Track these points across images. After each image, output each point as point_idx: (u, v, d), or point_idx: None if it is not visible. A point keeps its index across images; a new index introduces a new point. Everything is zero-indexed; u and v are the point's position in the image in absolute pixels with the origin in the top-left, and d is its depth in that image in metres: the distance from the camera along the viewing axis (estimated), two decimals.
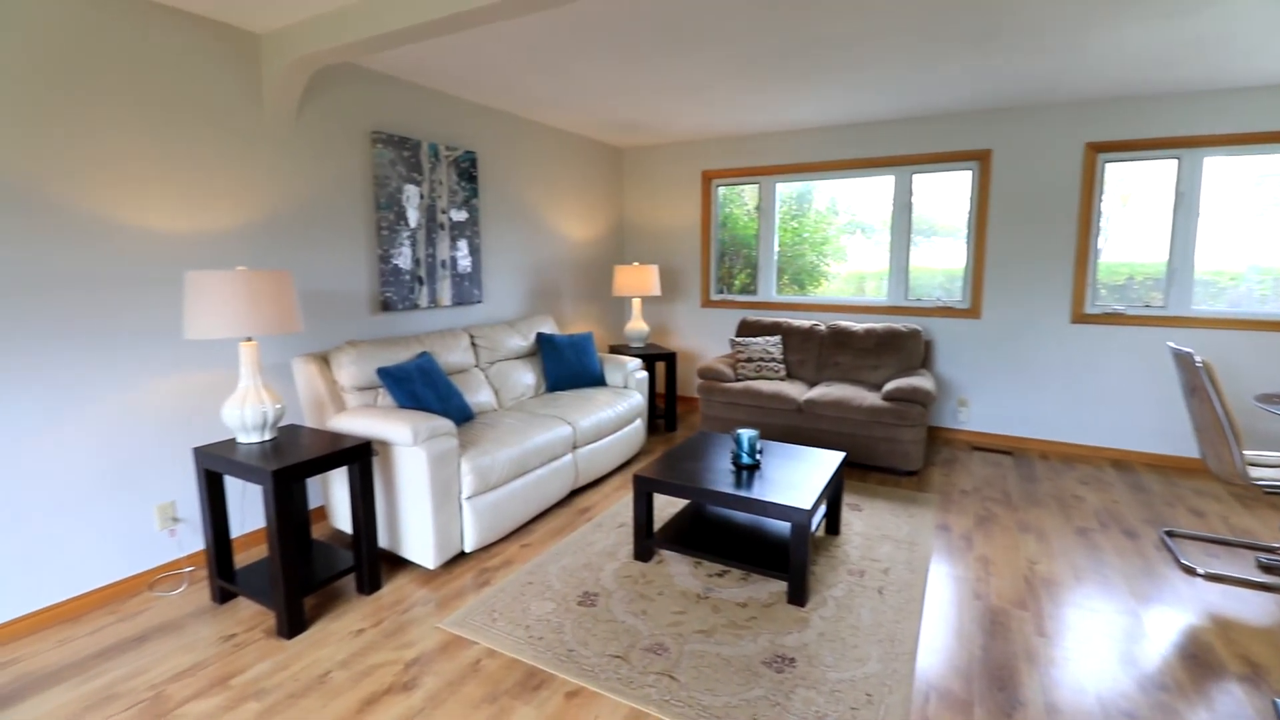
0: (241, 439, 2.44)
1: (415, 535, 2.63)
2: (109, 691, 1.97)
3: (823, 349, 4.55)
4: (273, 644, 2.20)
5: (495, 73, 3.49)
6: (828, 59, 3.22)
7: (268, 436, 2.47)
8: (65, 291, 2.34)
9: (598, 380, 4.11)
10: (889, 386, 3.84)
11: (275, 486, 2.15)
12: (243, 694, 1.95)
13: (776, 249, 5.28)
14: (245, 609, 2.42)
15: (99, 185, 2.41)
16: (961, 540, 3.00)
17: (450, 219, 3.95)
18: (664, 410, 4.86)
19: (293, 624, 2.22)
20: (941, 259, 4.71)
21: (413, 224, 3.70)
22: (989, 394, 4.54)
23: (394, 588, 2.56)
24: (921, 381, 3.84)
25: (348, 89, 3.31)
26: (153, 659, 2.12)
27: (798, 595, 2.40)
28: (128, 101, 2.47)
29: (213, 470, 2.39)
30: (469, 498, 2.72)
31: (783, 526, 2.84)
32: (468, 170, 4.05)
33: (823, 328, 4.62)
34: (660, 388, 5.82)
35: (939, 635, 2.25)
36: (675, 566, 2.70)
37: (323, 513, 3.27)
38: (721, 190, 5.49)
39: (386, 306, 3.55)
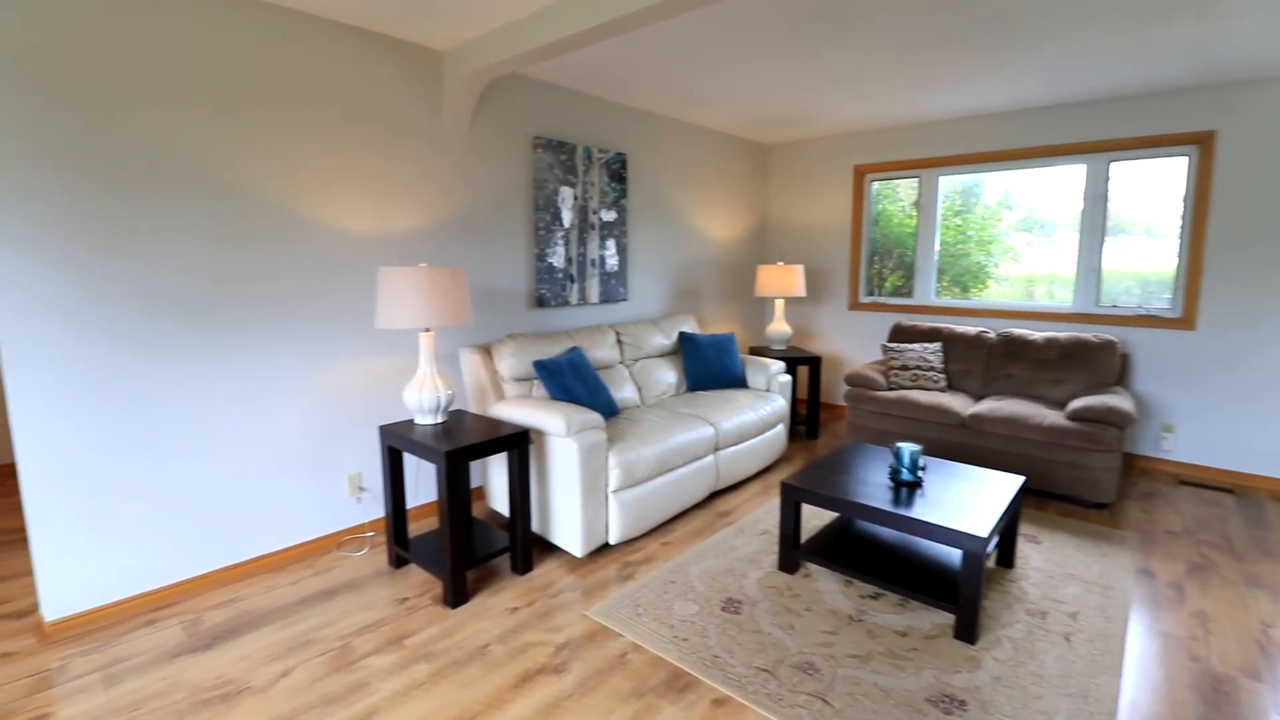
0: (418, 420, 2.67)
1: (564, 523, 2.73)
2: (306, 637, 2.23)
3: (992, 359, 4.12)
4: (439, 611, 2.38)
5: (650, 75, 3.53)
6: (1017, 30, 2.89)
7: (440, 419, 2.68)
8: (279, 283, 2.69)
9: (739, 382, 4.03)
10: (1076, 405, 3.38)
11: (448, 466, 2.32)
12: (414, 655, 2.12)
13: (938, 248, 4.86)
14: (416, 575, 2.65)
15: (305, 190, 2.75)
16: (1170, 590, 2.56)
17: (600, 219, 4.07)
18: (805, 416, 4.66)
19: (456, 595, 2.39)
20: (1135, 260, 4.07)
21: (566, 224, 3.85)
22: (1203, 419, 3.85)
23: (544, 571, 2.67)
24: (1117, 401, 3.34)
25: (513, 99, 3.51)
26: (340, 612, 2.38)
27: (967, 631, 2.18)
28: (333, 115, 2.80)
29: (394, 447, 2.64)
30: (615, 491, 2.78)
31: (947, 552, 2.60)
32: (618, 172, 4.15)
33: (992, 335, 4.19)
34: (801, 393, 5.61)
35: (1145, 698, 1.93)
36: (823, 582, 2.57)
37: (481, 493, 3.51)
38: (875, 185, 5.16)
39: (540, 303, 3.73)
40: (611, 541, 2.80)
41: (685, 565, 2.71)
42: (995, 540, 2.52)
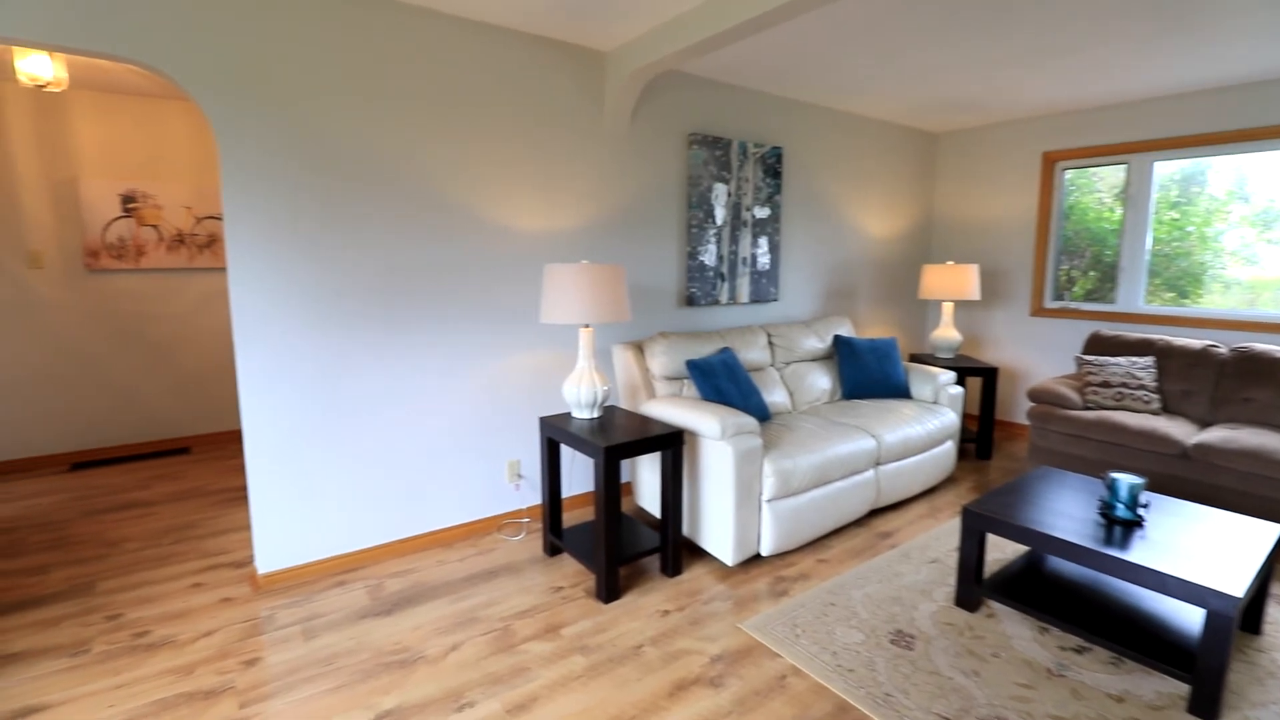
0: (575, 414, 2.71)
1: (715, 529, 2.65)
2: (472, 615, 2.34)
3: (1223, 378, 3.44)
4: (592, 604, 2.40)
5: (809, 63, 3.34)
6: None
7: (595, 414, 2.71)
8: (456, 277, 2.86)
9: (901, 392, 3.71)
10: None
11: (606, 462, 2.33)
12: (570, 646, 2.15)
13: (1149, 246, 4.17)
14: (569, 565, 2.70)
15: (479, 189, 2.90)
16: None
17: (753, 216, 3.93)
18: (976, 434, 4.20)
19: (609, 590, 2.40)
20: None
21: (719, 221, 3.76)
22: None
23: (693, 576, 2.61)
24: None
25: (669, 96, 3.48)
26: (501, 594, 2.48)
27: (1207, 706, 1.80)
28: (504, 118, 2.92)
29: (553, 439, 2.71)
30: (769, 500, 2.65)
31: (1175, 608, 2.18)
32: (773, 166, 3.99)
33: (1223, 350, 3.50)
34: (970, 407, 5.09)
35: None
36: (1011, 625, 2.26)
37: (628, 488, 3.54)
38: (1068, 174, 4.53)
39: (690, 301, 3.68)
40: (763, 553, 2.68)
41: (845, 587, 2.51)
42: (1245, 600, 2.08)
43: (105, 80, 3.76)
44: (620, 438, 2.43)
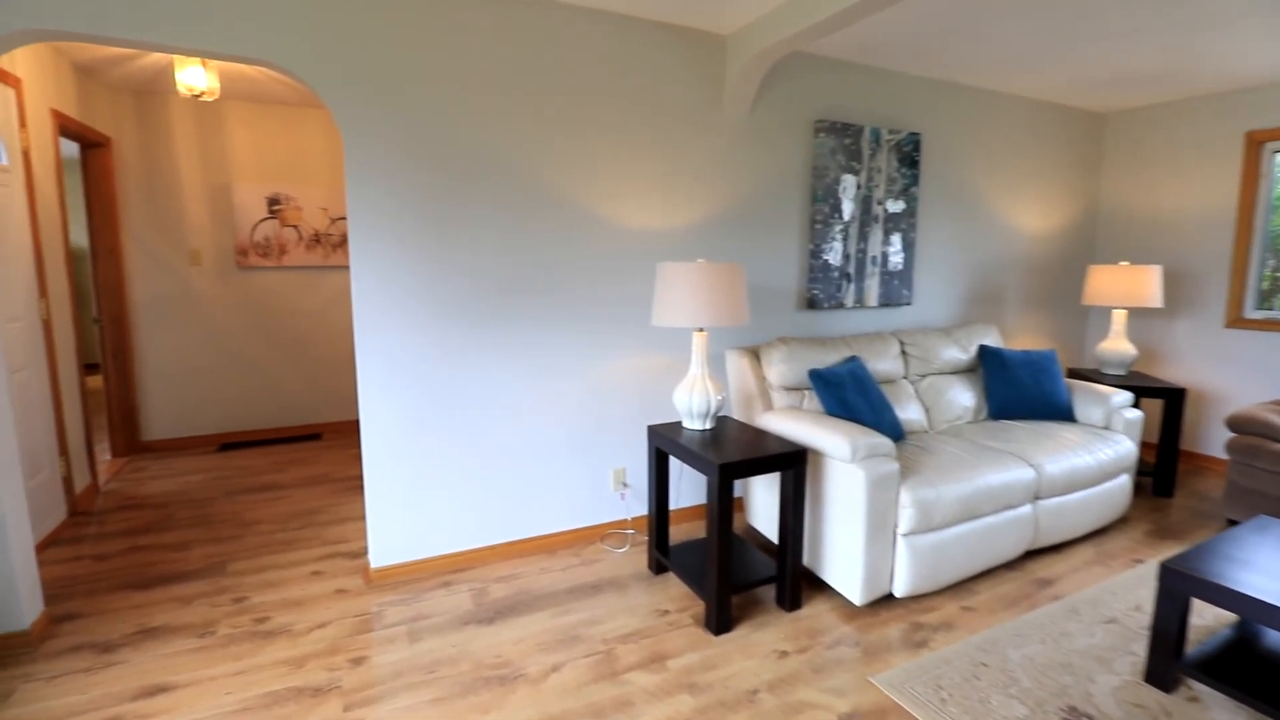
0: (686, 424, 2.52)
1: (840, 561, 2.36)
2: (573, 632, 2.22)
3: None
4: (701, 635, 2.20)
5: (959, 37, 2.93)
6: None
7: (708, 426, 2.50)
8: (566, 276, 2.76)
9: (1062, 413, 3.19)
10: None
11: (720, 481, 2.12)
12: (677, 681, 1.96)
13: None
14: (675, 586, 2.52)
15: (590, 184, 2.77)
16: None
17: (885, 210, 3.55)
18: (1154, 466, 3.56)
19: (720, 621, 2.19)
20: None
21: (846, 217, 3.43)
22: None
23: (814, 612, 2.34)
24: None
25: (794, 80, 3.20)
26: (605, 612, 2.34)
27: None
28: (618, 109, 2.78)
29: (661, 449, 2.54)
30: (906, 534, 2.32)
31: None
32: (909, 155, 3.58)
33: None
34: (1147, 434, 4.37)
35: None
36: (1222, 713, 1.81)
37: (738, 504, 3.31)
38: (1279, 157, 3.75)
39: (811, 304, 3.38)
40: (897, 593, 2.35)
41: (999, 644, 2.14)
42: None
43: (254, 90, 4.05)
44: (735, 454, 2.21)
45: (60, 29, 1.90)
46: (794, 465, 2.28)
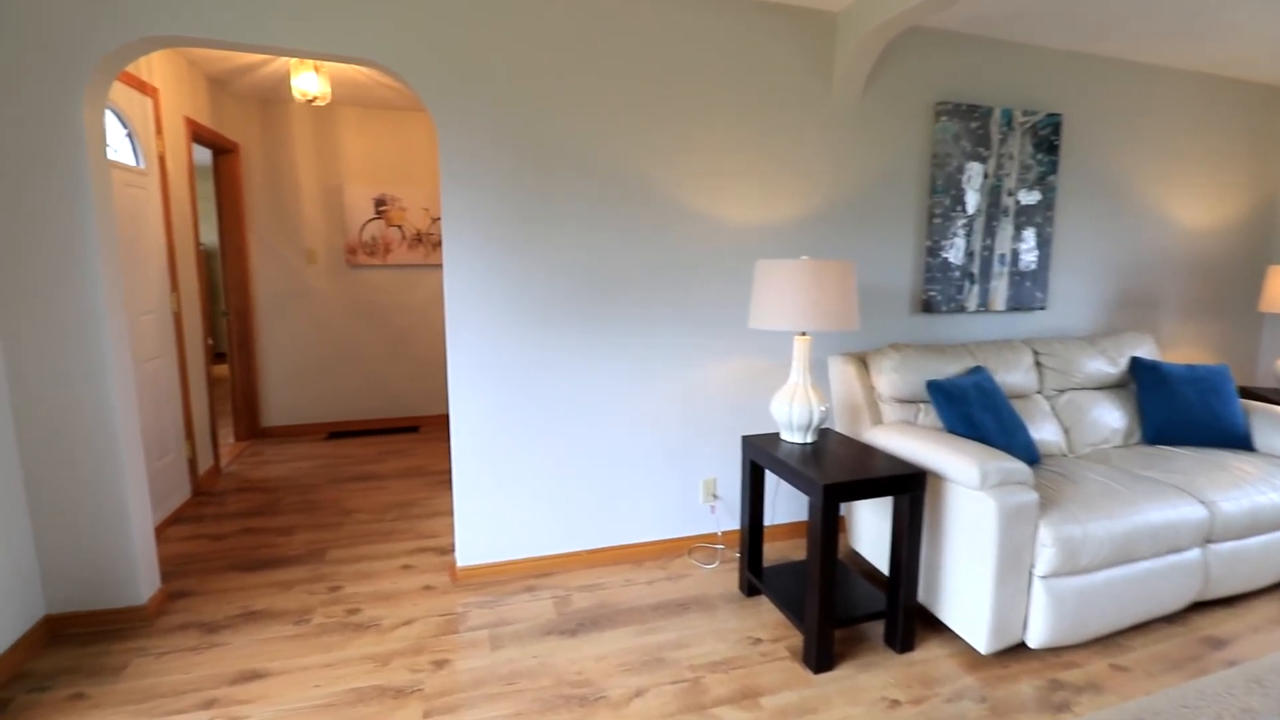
0: (785, 436, 2.32)
1: (962, 601, 2.07)
2: (658, 654, 2.08)
3: None
4: (798, 671, 1.99)
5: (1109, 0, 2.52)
6: None
7: (809, 439, 2.29)
8: (657, 274, 2.63)
9: (1238, 439, 2.69)
10: None
11: (825, 504, 1.91)
12: None
13: None
14: (768, 612, 2.33)
15: (687, 177, 2.61)
16: None
17: (1017, 202, 3.16)
18: None
19: (821, 658, 1.97)
20: None
21: (970, 209, 3.07)
22: None
23: (929, 656, 2.07)
24: None
25: (913, 58, 2.89)
26: (692, 634, 2.19)
27: None
28: (715, 95, 2.61)
29: (756, 462, 2.35)
30: (1045, 576, 2.00)
31: None
32: (1046, 139, 3.16)
33: None
34: None
35: None
36: None
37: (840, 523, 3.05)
38: None
39: (927, 307, 3.05)
40: (1031, 644, 2.03)
41: (1160, 714, 1.78)
42: None
43: (363, 95, 4.22)
44: (842, 473, 1.98)
45: (178, 34, 1.99)
46: (910, 489, 2.02)
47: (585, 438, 2.62)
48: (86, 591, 2.18)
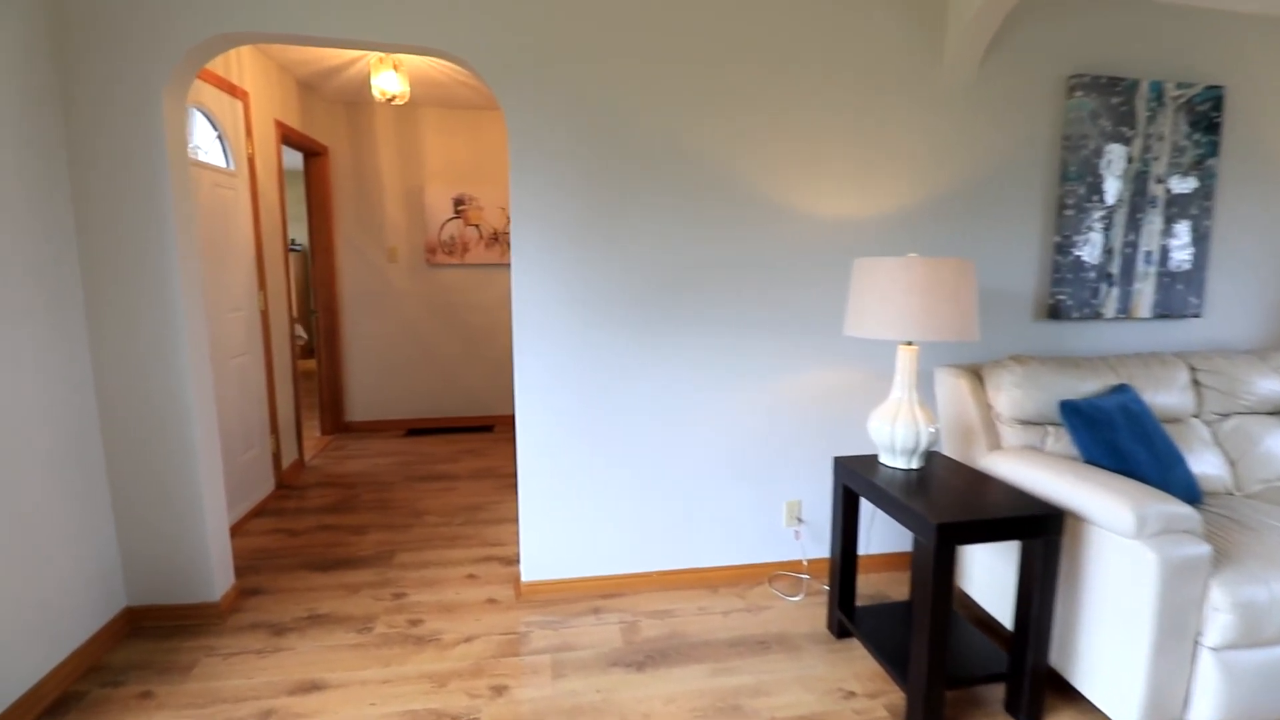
0: (885, 460, 2.04)
1: (1105, 669, 1.72)
2: (734, 700, 1.86)
3: None
4: None
5: None
6: None
7: (914, 465, 1.99)
8: (739, 274, 2.39)
9: None
10: None
11: (938, 547, 1.62)
12: None
13: None
14: (861, 660, 2.05)
15: (774, 167, 2.36)
16: None
17: (1168, 190, 2.69)
18: None
19: None
20: None
21: (1110, 200, 2.64)
22: None
23: None
24: None
25: (1039, 25, 2.50)
26: (773, 678, 1.95)
27: None
28: (811, 76, 2.34)
29: (850, 488, 2.08)
30: (1217, 648, 1.62)
31: None
32: (1205, 116, 2.67)
33: None
34: None
35: None
36: None
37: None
38: None
39: (1055, 313, 2.65)
40: None
41: None
42: None
43: (443, 95, 4.21)
44: (958, 510, 1.69)
45: (251, 30, 1.95)
46: (1045, 532, 1.70)
47: (658, 449, 2.43)
48: (164, 585, 2.21)
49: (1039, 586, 1.72)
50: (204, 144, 2.79)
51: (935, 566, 1.62)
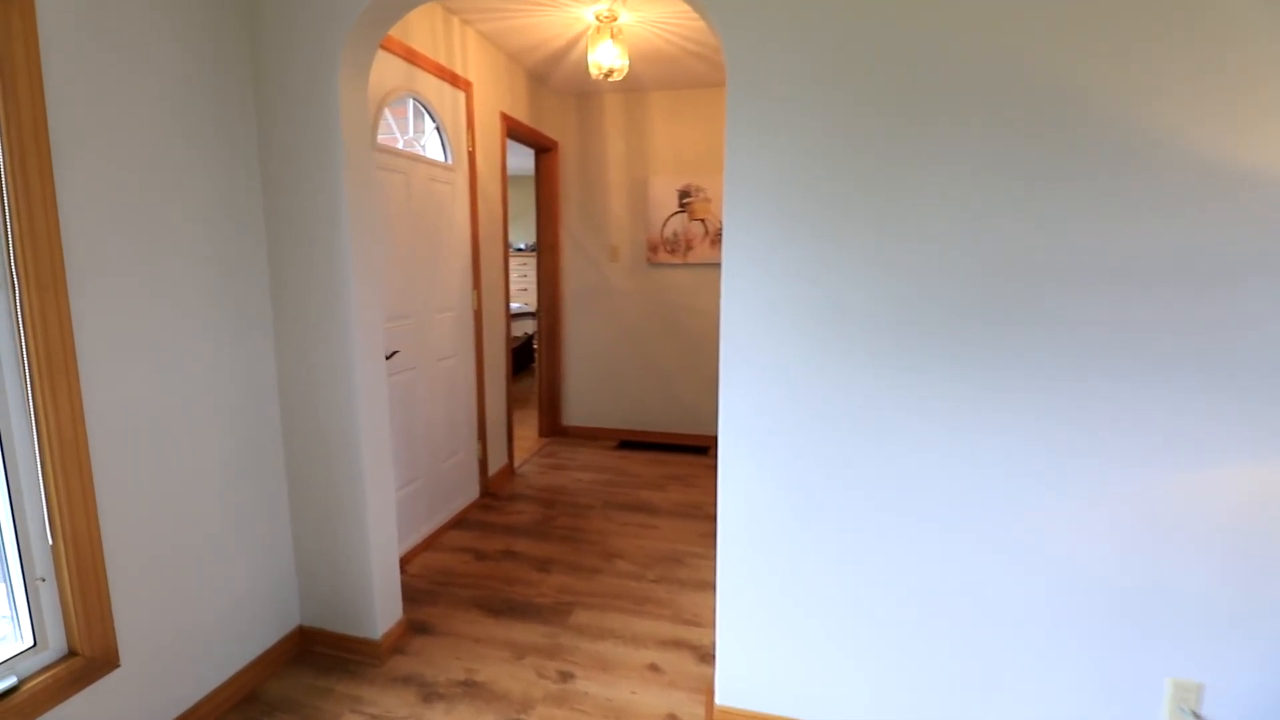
0: None
1: None
2: None
3: None
4: None
5: None
6: None
7: None
8: (1093, 287, 1.39)
9: None
10: None
11: None
12: None
13: None
14: None
15: (1199, 113, 1.30)
16: None
17: None
18: None
19: None
20: None
21: None
22: None
23: None
24: None
25: None
26: None
27: None
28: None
29: None
30: None
31: None
32: None
33: None
34: None
35: None
36: None
37: None
38: None
39: None
40: None
41: None
42: None
43: (673, 74, 3.72)
44: None
45: None
46: None
47: (935, 566, 1.57)
48: (332, 612, 2.04)
49: None
50: (420, 137, 2.66)
51: None
